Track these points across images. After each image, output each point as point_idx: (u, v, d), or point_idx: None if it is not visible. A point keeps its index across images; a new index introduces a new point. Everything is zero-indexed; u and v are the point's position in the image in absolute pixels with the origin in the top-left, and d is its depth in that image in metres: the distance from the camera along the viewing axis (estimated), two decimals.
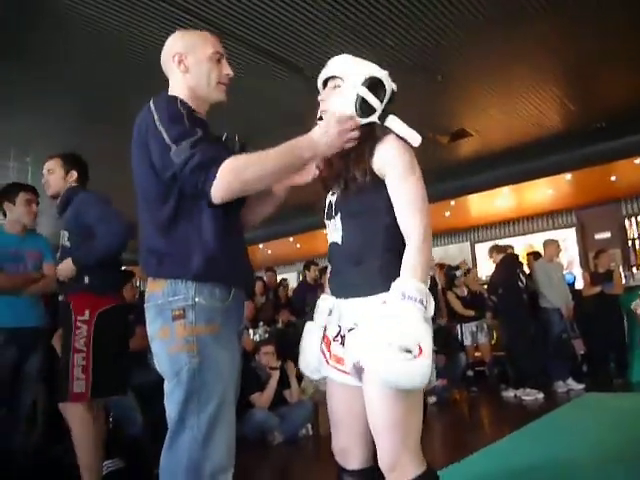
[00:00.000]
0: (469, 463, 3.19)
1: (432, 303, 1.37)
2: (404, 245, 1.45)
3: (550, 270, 6.12)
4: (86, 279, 2.52)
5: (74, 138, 5.68)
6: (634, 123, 6.20)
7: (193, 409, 1.45)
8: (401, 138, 1.50)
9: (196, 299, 1.48)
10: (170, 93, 1.61)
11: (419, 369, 1.28)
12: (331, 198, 1.59)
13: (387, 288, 1.38)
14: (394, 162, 1.45)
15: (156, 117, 1.46)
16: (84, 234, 2.56)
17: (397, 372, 1.29)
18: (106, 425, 3.16)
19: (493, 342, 6.73)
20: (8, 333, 2.86)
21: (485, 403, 5.81)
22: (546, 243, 6.41)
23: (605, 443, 3.43)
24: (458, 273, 6.54)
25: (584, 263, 9.16)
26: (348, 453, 1.56)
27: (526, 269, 6.33)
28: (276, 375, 4.46)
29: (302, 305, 6.52)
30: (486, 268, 9.79)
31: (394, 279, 1.38)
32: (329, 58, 1.62)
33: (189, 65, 1.61)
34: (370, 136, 1.50)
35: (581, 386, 5.70)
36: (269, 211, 1.75)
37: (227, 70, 1.65)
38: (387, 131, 1.51)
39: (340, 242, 1.53)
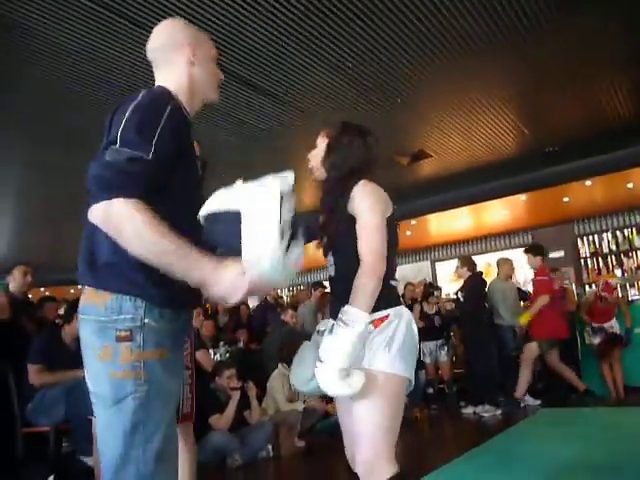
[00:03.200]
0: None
1: (360, 320, 1.59)
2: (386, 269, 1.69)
3: (505, 289, 6.26)
4: None
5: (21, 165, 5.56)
6: (585, 147, 6.45)
7: (139, 441, 1.31)
8: (368, 185, 1.74)
9: (145, 320, 1.34)
10: (163, 84, 1.50)
11: (319, 375, 1.56)
12: (324, 240, 1.85)
13: (372, 311, 1.63)
14: (359, 206, 1.71)
15: (133, 105, 1.34)
16: None
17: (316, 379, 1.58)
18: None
19: (453, 359, 6.82)
20: None
21: (445, 420, 5.85)
22: (500, 262, 6.54)
23: (560, 457, 3.50)
24: (436, 293, 6.69)
25: None
26: (354, 459, 1.72)
27: None
28: (236, 396, 4.38)
29: (263, 324, 6.46)
30: (446, 286, 9.95)
31: (378, 302, 1.64)
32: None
33: (200, 58, 1.53)
34: (342, 190, 1.76)
35: (537, 402, 5.81)
36: None
37: (221, 74, 1.64)
38: (356, 180, 1.76)
39: (334, 275, 1.80)
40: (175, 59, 1.51)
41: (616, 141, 6.31)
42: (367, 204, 1.70)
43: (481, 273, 6.44)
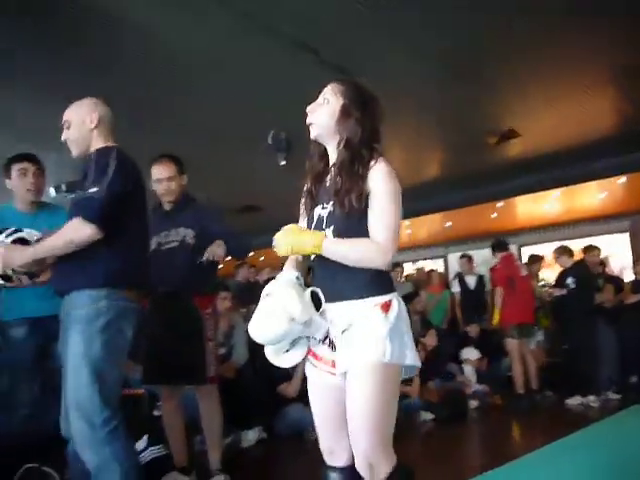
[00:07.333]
0: (510, 470, 3.13)
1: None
2: None
3: None
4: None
5: (122, 139, 5.85)
6: None
7: None
8: (388, 165, 1.62)
9: None
10: None
11: None
12: (321, 212, 1.68)
13: (378, 293, 1.57)
14: (384, 181, 1.59)
15: None
16: (206, 240, 2.89)
17: None
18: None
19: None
20: (32, 324, 2.75)
21: (527, 410, 5.65)
22: None
23: None
24: None
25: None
26: (334, 452, 1.66)
27: None
28: (302, 363, 4.48)
29: None
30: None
31: (383, 285, 1.60)
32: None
33: None
34: (356, 159, 1.62)
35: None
36: None
37: None
38: (376, 155, 1.63)
39: None
40: None
41: None
42: (390, 187, 1.59)
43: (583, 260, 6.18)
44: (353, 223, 1.60)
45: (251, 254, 10.86)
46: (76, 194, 2.16)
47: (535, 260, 6.75)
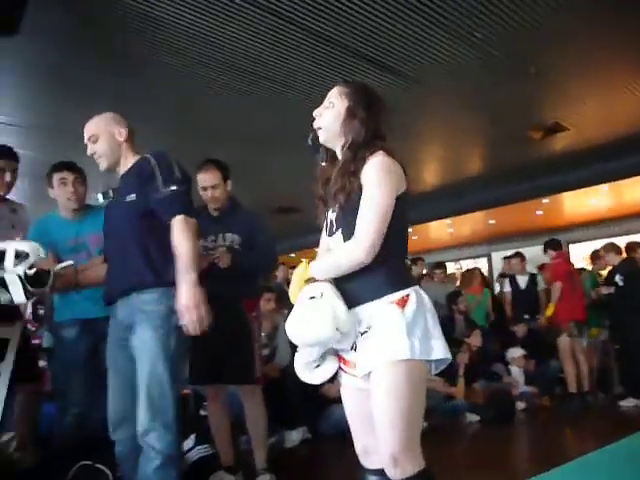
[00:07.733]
0: (561, 473, 3.04)
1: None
2: (402, 247, 1.64)
3: None
4: None
5: (158, 142, 5.97)
6: None
7: None
8: (383, 157, 1.57)
9: None
10: None
11: None
12: (331, 216, 1.68)
13: (393, 290, 1.54)
14: (369, 174, 1.55)
15: None
16: (249, 246, 2.94)
17: None
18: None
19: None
20: (83, 325, 2.82)
21: (578, 411, 5.47)
22: None
23: None
24: None
25: None
26: (368, 452, 1.65)
27: None
28: None
29: None
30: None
31: (398, 281, 1.57)
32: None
33: None
34: (355, 158, 1.60)
35: None
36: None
37: None
38: (372, 151, 1.59)
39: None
40: None
41: None
42: (375, 178, 1.54)
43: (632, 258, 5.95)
44: (353, 222, 1.56)
45: (292, 255, 10.93)
46: (153, 194, 2.12)
47: (598, 256, 6.54)
